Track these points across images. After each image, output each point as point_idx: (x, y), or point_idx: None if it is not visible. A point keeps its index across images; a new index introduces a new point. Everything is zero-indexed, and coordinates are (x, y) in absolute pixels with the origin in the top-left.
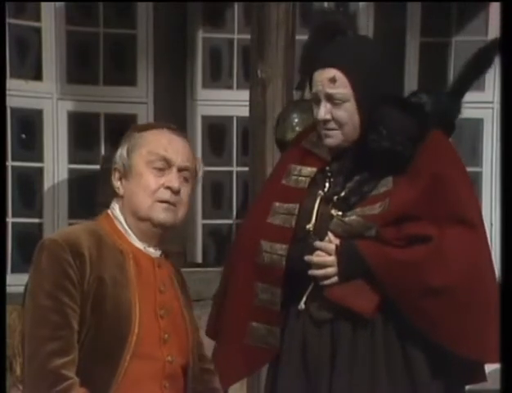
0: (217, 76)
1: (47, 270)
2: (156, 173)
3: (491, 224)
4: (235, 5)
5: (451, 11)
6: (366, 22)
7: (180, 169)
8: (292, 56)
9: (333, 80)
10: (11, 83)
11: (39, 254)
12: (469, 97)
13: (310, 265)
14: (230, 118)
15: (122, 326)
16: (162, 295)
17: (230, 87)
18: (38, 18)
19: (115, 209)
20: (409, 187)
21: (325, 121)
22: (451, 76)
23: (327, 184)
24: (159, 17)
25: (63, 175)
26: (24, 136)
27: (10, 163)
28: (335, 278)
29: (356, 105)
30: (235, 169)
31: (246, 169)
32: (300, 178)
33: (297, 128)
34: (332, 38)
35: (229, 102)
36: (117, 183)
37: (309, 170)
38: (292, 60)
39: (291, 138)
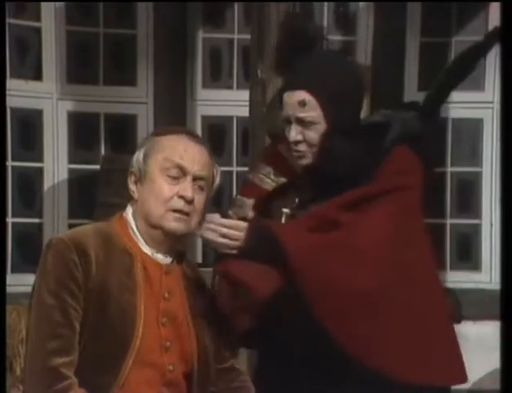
0: (217, 76)
1: (53, 269)
2: (170, 181)
3: (491, 224)
4: (235, 5)
5: (451, 11)
6: (365, 22)
7: (195, 178)
8: None
9: (302, 104)
10: (11, 83)
11: (46, 252)
12: (469, 97)
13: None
14: (230, 118)
15: (126, 330)
16: (166, 302)
17: (230, 87)
18: (37, 18)
19: (129, 212)
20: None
21: (296, 142)
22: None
23: (295, 201)
24: (159, 17)
25: (63, 175)
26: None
27: (10, 163)
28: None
29: (326, 127)
30: (235, 169)
31: (246, 169)
32: (267, 179)
33: None
34: (300, 51)
35: (229, 102)
36: (132, 187)
37: (277, 178)
38: None
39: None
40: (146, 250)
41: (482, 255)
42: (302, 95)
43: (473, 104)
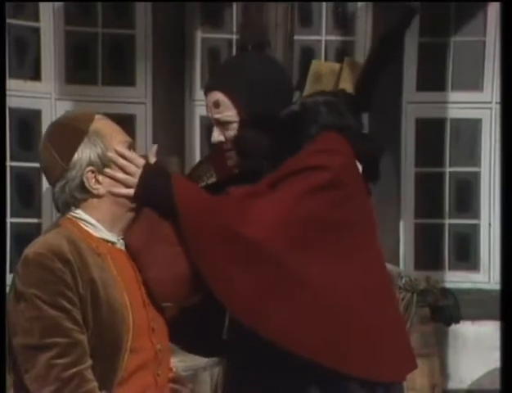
0: None
1: (41, 282)
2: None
3: (490, 224)
4: (234, 5)
5: (449, 11)
6: (364, 22)
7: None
8: (291, 57)
9: (217, 104)
10: (10, 84)
11: (26, 268)
12: (468, 97)
13: None
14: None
15: (118, 325)
16: (143, 285)
17: None
18: (36, 18)
19: (79, 212)
20: None
21: (219, 143)
22: (450, 76)
23: None
24: (158, 17)
25: None
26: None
27: (8, 163)
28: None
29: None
30: None
31: None
32: (204, 176)
33: None
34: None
35: None
36: (95, 185)
37: (208, 179)
38: (291, 60)
39: None
40: (112, 238)
41: (481, 255)
42: (215, 96)
43: (471, 104)
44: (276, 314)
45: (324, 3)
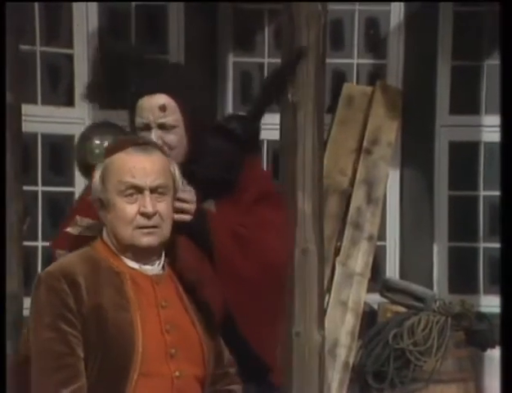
0: (247, 100)
1: (46, 303)
2: (129, 201)
3: None
4: (266, 29)
5: (482, 34)
6: (396, 45)
7: (152, 190)
8: (323, 80)
9: (163, 108)
10: (42, 110)
11: (37, 288)
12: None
13: None
14: (260, 141)
15: (126, 347)
16: (165, 310)
17: None
18: (70, 45)
19: (104, 234)
20: (232, 207)
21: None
22: (483, 99)
23: None
24: (190, 41)
25: None
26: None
27: (40, 188)
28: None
29: (184, 129)
30: None
31: None
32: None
33: (96, 151)
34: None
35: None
36: (100, 213)
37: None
38: (323, 83)
39: (91, 161)
40: (133, 265)
41: None
42: (162, 99)
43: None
44: None
45: (356, 27)
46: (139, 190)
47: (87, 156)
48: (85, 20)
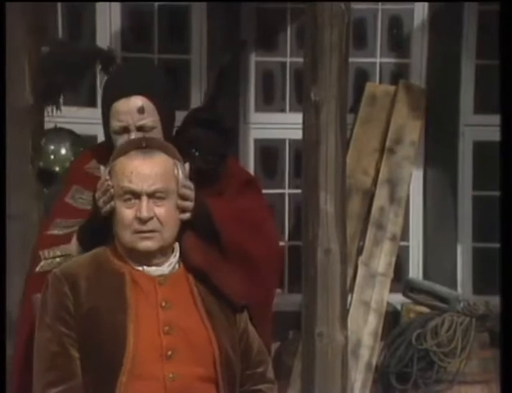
0: (269, 99)
1: (48, 304)
2: (128, 206)
3: None
4: (288, 28)
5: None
6: (420, 44)
7: (150, 195)
8: (345, 79)
9: (141, 110)
10: (63, 110)
11: (45, 290)
12: None
13: None
14: (282, 141)
15: (116, 349)
16: (165, 311)
17: (283, 110)
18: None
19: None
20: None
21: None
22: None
23: None
24: (213, 42)
25: None
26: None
27: None
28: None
29: (162, 129)
30: (287, 191)
31: (299, 191)
32: (81, 200)
33: (51, 157)
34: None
35: (282, 125)
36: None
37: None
38: (345, 82)
39: (47, 167)
40: (137, 267)
41: None
42: (140, 101)
43: None
44: None
45: (379, 25)
46: (136, 195)
47: (42, 162)
48: (108, 21)
